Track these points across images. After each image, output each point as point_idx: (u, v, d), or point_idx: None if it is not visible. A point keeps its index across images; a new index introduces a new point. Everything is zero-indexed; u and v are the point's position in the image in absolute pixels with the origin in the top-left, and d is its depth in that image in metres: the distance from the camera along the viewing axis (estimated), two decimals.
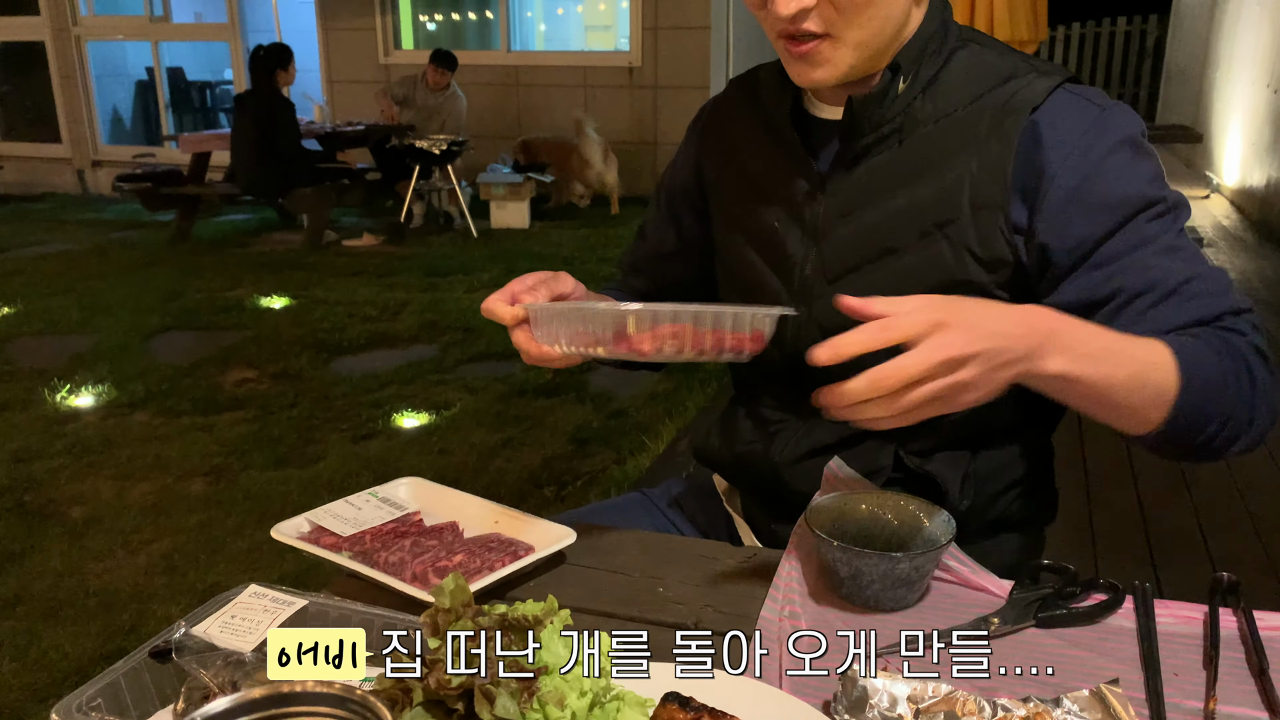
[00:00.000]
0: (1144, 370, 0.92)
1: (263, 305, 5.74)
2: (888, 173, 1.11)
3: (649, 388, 4.36)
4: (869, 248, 1.11)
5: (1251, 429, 0.99)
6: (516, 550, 1.05)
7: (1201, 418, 0.96)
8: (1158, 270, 1.01)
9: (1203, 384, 0.94)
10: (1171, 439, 0.97)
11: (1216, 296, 1.01)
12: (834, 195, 1.14)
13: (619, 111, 8.98)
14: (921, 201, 1.09)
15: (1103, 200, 1.04)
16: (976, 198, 1.06)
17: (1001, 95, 1.08)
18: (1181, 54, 11.68)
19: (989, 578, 1.02)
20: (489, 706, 0.67)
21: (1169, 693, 0.84)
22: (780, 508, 1.26)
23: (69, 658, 2.45)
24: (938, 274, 1.09)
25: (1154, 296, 1.01)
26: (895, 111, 1.10)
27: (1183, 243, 1.04)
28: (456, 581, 0.74)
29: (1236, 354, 0.98)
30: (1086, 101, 1.07)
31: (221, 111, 11.59)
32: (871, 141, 1.11)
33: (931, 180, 1.08)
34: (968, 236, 1.07)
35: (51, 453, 3.70)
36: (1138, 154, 1.06)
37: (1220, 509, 3.12)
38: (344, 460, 3.62)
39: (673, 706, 0.76)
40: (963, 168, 1.07)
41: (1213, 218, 7.98)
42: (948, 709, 0.79)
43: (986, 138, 1.07)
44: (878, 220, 1.11)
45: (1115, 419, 0.97)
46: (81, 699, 0.77)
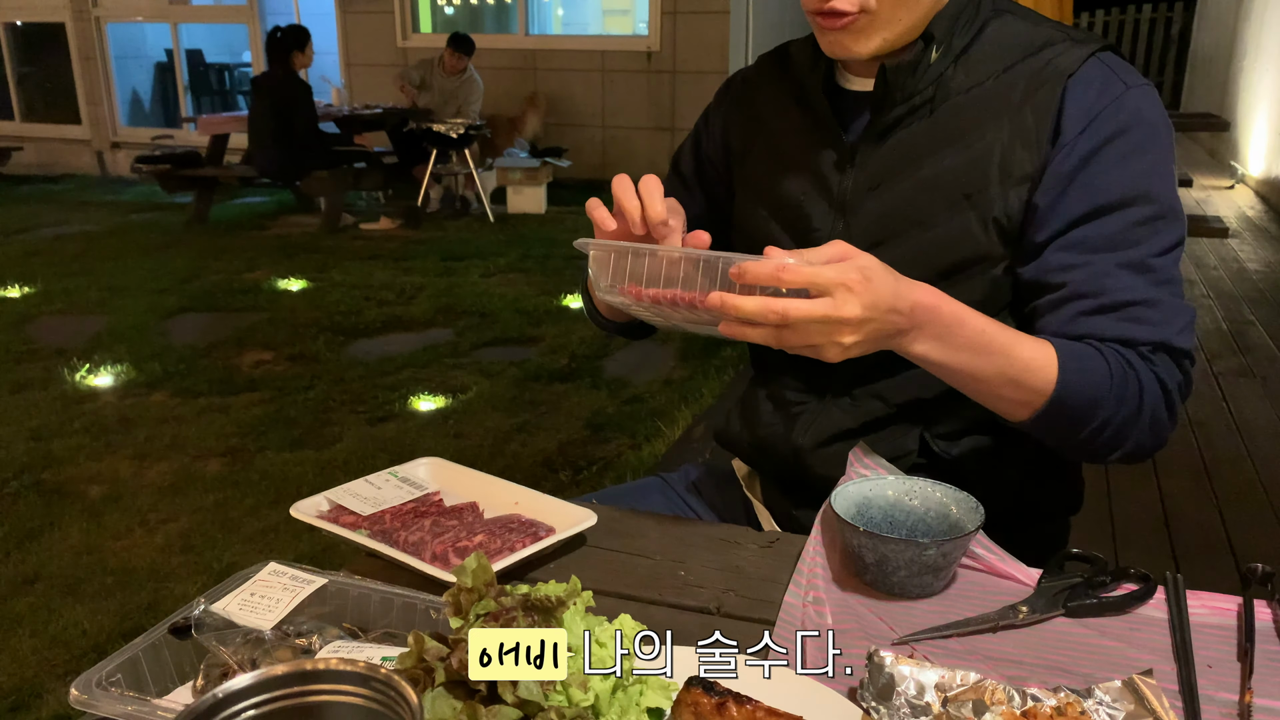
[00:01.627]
0: (1018, 372, 0.98)
1: (279, 287, 5.75)
2: (917, 144, 1.10)
3: (665, 374, 4.34)
4: (897, 220, 1.10)
5: (1126, 445, 1.04)
6: (537, 531, 1.04)
7: (1071, 426, 1.01)
8: (1112, 281, 1.01)
9: (1078, 398, 0.99)
10: (1041, 434, 1.04)
11: (1156, 327, 1.02)
12: (863, 168, 1.13)
13: (636, 96, 8.94)
14: (950, 172, 1.07)
15: (1091, 183, 1.03)
16: (1007, 166, 1.05)
17: (1035, 64, 1.06)
18: (1207, 42, 11.53)
19: (1017, 566, 1.00)
20: (511, 688, 0.66)
21: (1203, 685, 0.83)
22: (801, 493, 1.24)
23: (87, 634, 2.46)
24: (962, 249, 1.07)
25: (1094, 305, 1.02)
26: (927, 82, 1.09)
27: (1159, 263, 1.02)
28: (479, 561, 0.73)
29: (1135, 381, 1.00)
30: (1114, 76, 1.05)
31: (239, 94, 11.60)
32: (903, 113, 1.10)
33: (961, 150, 1.07)
34: (995, 206, 1.06)
35: (70, 431, 3.72)
36: (1145, 144, 1.03)
37: (1244, 503, 3.08)
38: (360, 442, 3.62)
39: (697, 691, 0.75)
40: (993, 137, 1.06)
41: (1237, 208, 7.89)
42: (976, 697, 0.78)
43: (1020, 106, 1.05)
44: (906, 192, 1.10)
45: (986, 404, 1.03)
46: (101, 674, 0.77)
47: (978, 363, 0.98)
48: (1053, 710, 0.76)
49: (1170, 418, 1.05)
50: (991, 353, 0.98)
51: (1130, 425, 1.02)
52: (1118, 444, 1.04)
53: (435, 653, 0.69)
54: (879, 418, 1.15)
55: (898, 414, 1.15)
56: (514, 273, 6.06)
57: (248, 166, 7.50)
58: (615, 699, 0.72)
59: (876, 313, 0.89)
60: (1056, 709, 0.76)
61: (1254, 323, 4.92)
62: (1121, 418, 1.01)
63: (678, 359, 4.56)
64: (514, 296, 5.51)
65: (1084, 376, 0.99)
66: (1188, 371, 1.05)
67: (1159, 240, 1.02)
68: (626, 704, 0.73)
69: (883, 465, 1.08)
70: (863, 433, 1.16)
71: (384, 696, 0.53)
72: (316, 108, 7.39)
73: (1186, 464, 3.34)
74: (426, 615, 0.87)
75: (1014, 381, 0.99)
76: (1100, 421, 1.01)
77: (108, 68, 10.46)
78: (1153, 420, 1.03)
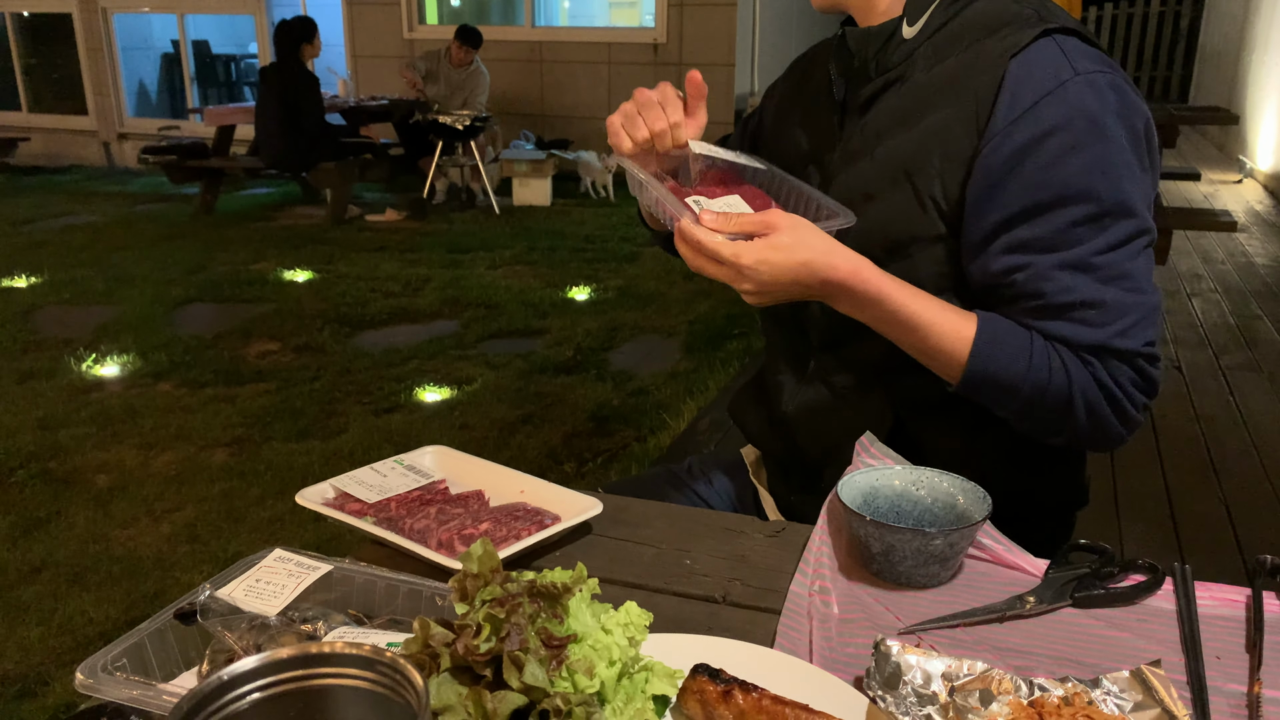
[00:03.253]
0: (933, 350, 1.05)
1: (285, 279, 5.76)
2: (884, 120, 1.11)
3: (670, 366, 4.34)
4: (855, 194, 1.11)
5: (1062, 435, 1.07)
6: (543, 519, 1.04)
7: (991, 403, 1.07)
8: (1052, 284, 1.01)
9: (990, 382, 1.04)
10: (975, 402, 1.08)
11: (1096, 329, 1.01)
12: (847, 139, 1.15)
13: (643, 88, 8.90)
14: (899, 149, 1.08)
15: (1027, 181, 1.01)
16: (946, 148, 1.05)
17: (990, 43, 1.05)
18: (1216, 36, 11.47)
19: (1024, 556, 1.00)
20: (517, 674, 0.66)
21: (1211, 676, 0.82)
22: (798, 475, 1.26)
23: (93, 622, 2.47)
24: (904, 226, 1.08)
25: (1036, 306, 1.03)
26: (899, 57, 1.09)
27: (1104, 260, 1.01)
28: (485, 547, 0.73)
29: (1062, 376, 1.02)
30: (1063, 60, 1.02)
31: (246, 85, 11.60)
32: (879, 88, 1.11)
33: (913, 128, 1.07)
34: (934, 186, 1.06)
35: (77, 421, 3.73)
36: (1085, 139, 1.00)
37: (1250, 496, 3.07)
38: (366, 433, 3.63)
39: (702, 678, 0.75)
40: (939, 117, 1.06)
41: (1245, 203, 7.85)
42: (983, 687, 0.77)
43: (965, 86, 1.04)
44: (867, 168, 1.11)
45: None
46: (106, 658, 0.77)
47: (895, 335, 1.06)
48: (1060, 700, 0.75)
49: (1119, 417, 1.04)
50: (908, 329, 1.05)
51: (1060, 418, 1.04)
52: (1053, 430, 1.07)
53: (441, 638, 0.68)
54: (850, 388, 1.18)
55: (867, 385, 1.17)
56: (520, 265, 6.06)
57: (254, 158, 7.50)
58: (621, 686, 0.72)
59: (775, 288, 1.02)
60: (1064, 699, 0.76)
61: (1261, 317, 4.90)
62: (1048, 406, 1.03)
63: (683, 352, 4.55)
64: (520, 289, 5.51)
65: (995, 364, 1.03)
66: (1143, 368, 1.04)
67: (1104, 238, 1.00)
68: (632, 691, 0.72)
69: (890, 455, 1.08)
70: (838, 405, 1.19)
71: (389, 680, 0.53)
72: (324, 99, 7.39)
73: (1193, 458, 3.33)
74: (432, 602, 0.87)
75: (930, 356, 1.06)
76: (1021, 405, 1.05)
77: (114, 58, 10.46)
78: (1091, 417, 1.04)
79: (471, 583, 0.72)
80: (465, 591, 0.71)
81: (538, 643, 0.68)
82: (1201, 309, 5.00)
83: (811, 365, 1.22)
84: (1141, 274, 1.03)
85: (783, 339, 1.27)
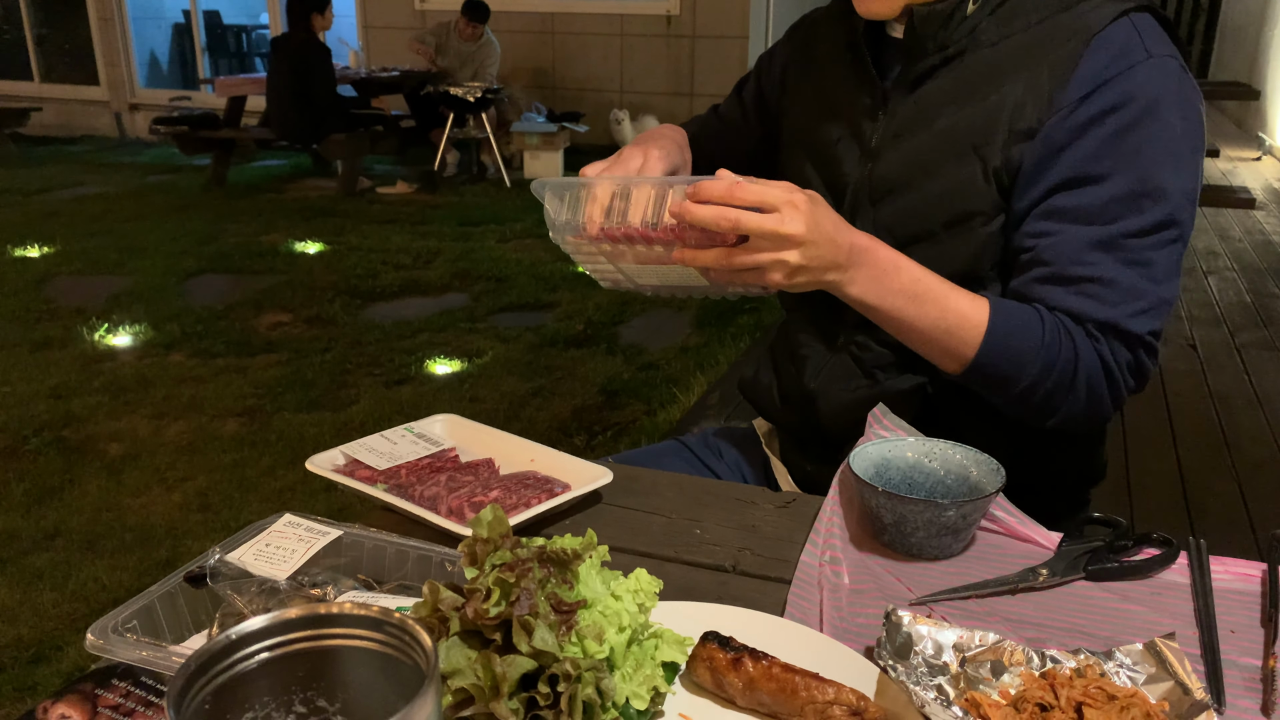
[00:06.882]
0: (950, 324, 1.03)
1: (296, 250, 5.75)
2: (943, 95, 1.09)
3: (680, 340, 4.33)
4: (912, 169, 1.10)
5: (1059, 414, 1.06)
6: (553, 488, 1.04)
7: (999, 383, 1.05)
8: (1075, 254, 1.02)
9: (1004, 358, 1.03)
10: (975, 388, 1.07)
11: (1107, 306, 1.02)
12: (893, 115, 1.13)
13: (655, 62, 8.83)
14: (964, 123, 1.07)
15: (1079, 153, 1.02)
16: (1015, 120, 1.04)
17: (1067, 18, 1.05)
18: (1238, 11, 11.30)
19: (1037, 529, 0.99)
20: (527, 638, 0.65)
21: (1225, 650, 0.82)
22: (817, 446, 1.25)
23: (106, 589, 2.49)
24: (964, 201, 1.07)
25: (1049, 273, 1.03)
26: (961, 34, 1.07)
27: (1133, 243, 1.01)
28: (495, 513, 0.73)
29: (1070, 350, 1.02)
30: (1138, 42, 1.03)
31: (257, 56, 11.56)
32: (936, 63, 1.09)
33: (978, 102, 1.06)
34: (997, 157, 1.05)
35: (90, 390, 3.75)
36: (1145, 119, 1.01)
37: (1264, 473, 3.06)
38: (376, 404, 3.63)
39: (712, 646, 0.75)
40: (1010, 90, 1.05)
41: (1264, 180, 7.76)
42: (994, 658, 0.77)
43: (1041, 60, 1.04)
44: (924, 142, 1.10)
45: (921, 354, 1.08)
46: (117, 620, 0.77)
47: (911, 309, 1.03)
48: (1072, 672, 0.75)
49: (1113, 397, 1.05)
50: (925, 301, 1.02)
51: (1062, 393, 1.04)
52: (1049, 410, 1.06)
53: (450, 602, 0.68)
54: (883, 365, 1.16)
55: (900, 363, 1.15)
56: (530, 238, 6.04)
57: (265, 129, 7.48)
58: (630, 652, 0.72)
59: (820, 235, 0.95)
60: (1076, 670, 0.75)
61: (1278, 295, 4.85)
62: (1052, 383, 1.03)
63: (693, 326, 4.54)
64: (530, 262, 5.49)
65: (1011, 339, 1.02)
66: (1141, 358, 1.04)
67: (1139, 220, 1.01)
68: (641, 657, 0.72)
69: (903, 427, 1.07)
70: (868, 378, 1.17)
71: (398, 641, 0.53)
72: (335, 70, 7.35)
73: (1207, 436, 3.31)
74: (442, 568, 0.87)
75: (946, 331, 1.03)
76: (1029, 383, 1.03)
77: (126, 29, 10.43)
78: (1089, 394, 1.04)
79: (481, 547, 0.71)
80: (475, 556, 0.71)
81: (547, 608, 0.67)
82: (1218, 287, 4.96)
83: (840, 339, 1.20)
84: (1162, 265, 1.03)
85: (809, 313, 1.24)
